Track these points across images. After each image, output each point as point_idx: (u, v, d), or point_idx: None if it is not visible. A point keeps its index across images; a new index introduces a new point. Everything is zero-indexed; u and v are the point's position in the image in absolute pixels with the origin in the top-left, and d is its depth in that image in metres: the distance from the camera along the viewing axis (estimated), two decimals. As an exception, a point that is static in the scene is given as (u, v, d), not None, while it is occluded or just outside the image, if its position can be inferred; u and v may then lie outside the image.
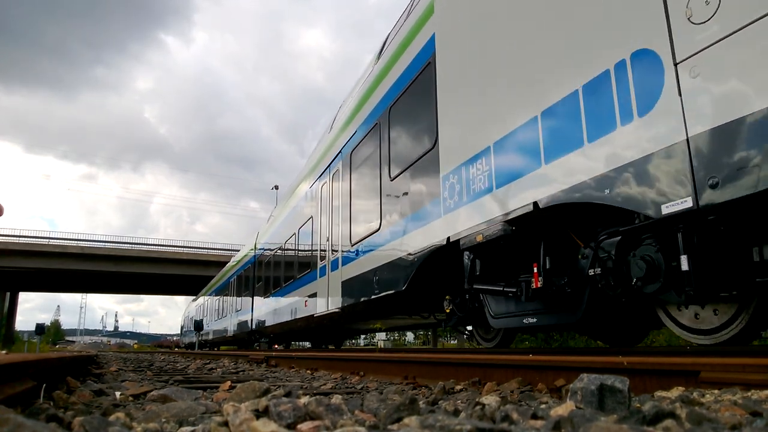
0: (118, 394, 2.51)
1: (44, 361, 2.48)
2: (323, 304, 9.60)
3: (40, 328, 30.15)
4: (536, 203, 4.03)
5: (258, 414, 1.48)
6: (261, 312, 16.40)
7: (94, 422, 1.31)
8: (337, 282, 8.86)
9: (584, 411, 1.33)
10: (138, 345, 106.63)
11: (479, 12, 5.11)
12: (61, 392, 2.17)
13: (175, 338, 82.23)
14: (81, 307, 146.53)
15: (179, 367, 6.60)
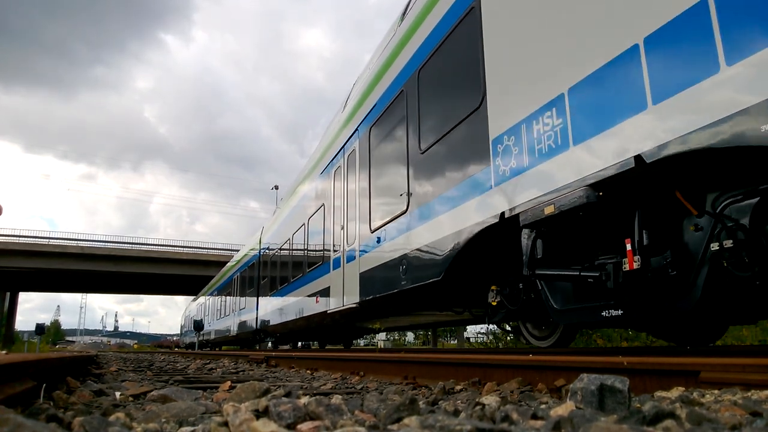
0: (118, 394, 2.51)
1: (44, 361, 2.48)
2: (338, 300, 8.78)
3: (40, 328, 30.15)
4: (639, 157, 3.16)
5: (258, 414, 1.48)
6: (266, 310, 15.64)
7: (94, 422, 1.31)
8: (354, 274, 8.00)
9: (584, 411, 1.33)
10: (138, 345, 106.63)
11: None
12: (61, 392, 2.17)
13: (175, 338, 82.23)
14: (81, 307, 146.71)
15: (179, 367, 6.60)
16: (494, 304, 5.15)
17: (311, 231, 11.11)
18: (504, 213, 4.37)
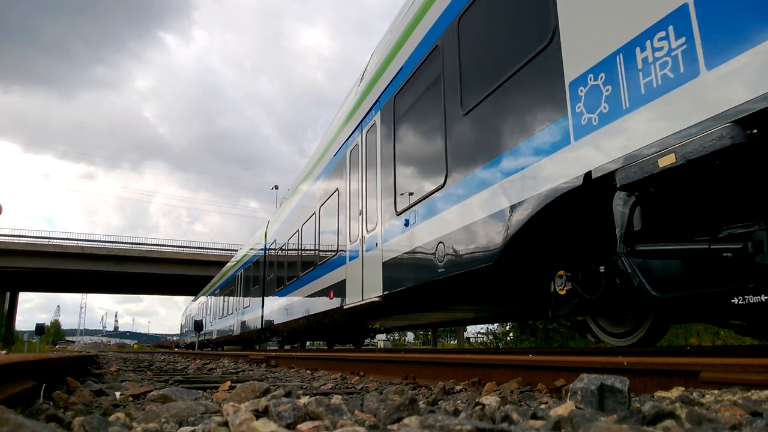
0: (118, 395, 2.51)
1: (44, 361, 2.48)
2: (356, 294, 7.82)
3: (40, 328, 30.13)
4: None
5: (258, 414, 1.48)
6: (272, 308, 14.68)
7: (94, 422, 1.32)
8: (376, 265, 7.06)
9: (584, 411, 1.33)
10: (138, 345, 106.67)
11: None
12: (61, 392, 2.17)
13: (175, 338, 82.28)
14: (81, 307, 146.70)
15: (179, 367, 6.60)
16: (562, 294, 4.21)
17: (323, 220, 10.21)
18: (590, 173, 3.44)
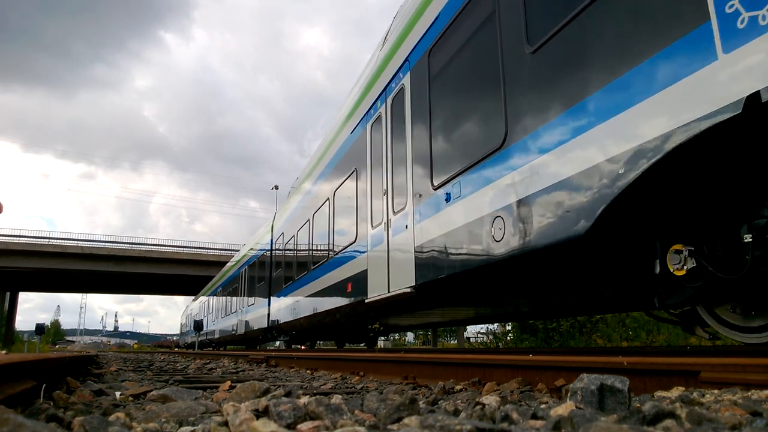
0: (118, 394, 2.51)
1: (44, 361, 2.48)
2: (380, 285, 6.90)
3: (40, 328, 30.14)
4: None
5: (258, 414, 1.48)
6: (280, 305, 13.82)
7: (94, 422, 1.32)
8: (406, 249, 6.20)
9: (584, 411, 1.33)
10: (138, 345, 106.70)
11: None
12: (61, 392, 2.17)
13: (175, 338, 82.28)
14: (81, 307, 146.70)
15: (179, 367, 6.60)
16: (679, 275, 3.24)
17: (338, 206, 9.35)
18: (758, 94, 2.46)
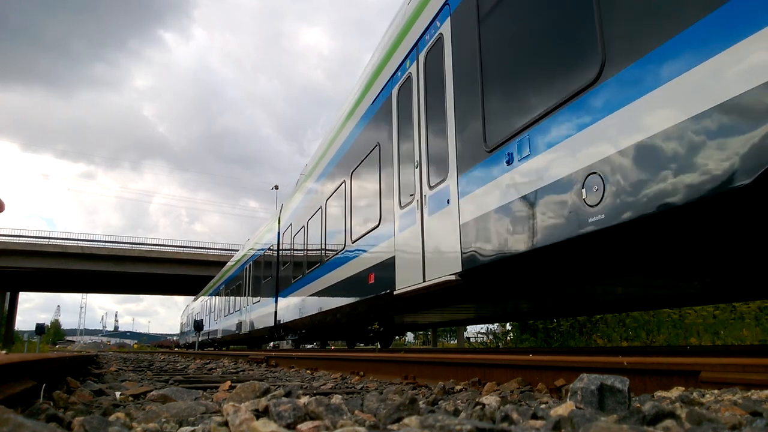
0: (118, 394, 2.51)
1: (44, 361, 2.48)
2: (413, 273, 5.86)
3: (40, 328, 30.14)
4: None
5: (258, 414, 1.48)
6: (288, 302, 12.77)
7: (94, 422, 1.31)
8: (449, 228, 5.11)
9: (584, 411, 1.33)
10: (138, 345, 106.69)
11: None
12: (61, 392, 2.17)
13: (176, 338, 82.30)
14: (81, 307, 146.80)
15: (179, 367, 6.60)
16: None
17: (356, 187, 8.25)
18: None
